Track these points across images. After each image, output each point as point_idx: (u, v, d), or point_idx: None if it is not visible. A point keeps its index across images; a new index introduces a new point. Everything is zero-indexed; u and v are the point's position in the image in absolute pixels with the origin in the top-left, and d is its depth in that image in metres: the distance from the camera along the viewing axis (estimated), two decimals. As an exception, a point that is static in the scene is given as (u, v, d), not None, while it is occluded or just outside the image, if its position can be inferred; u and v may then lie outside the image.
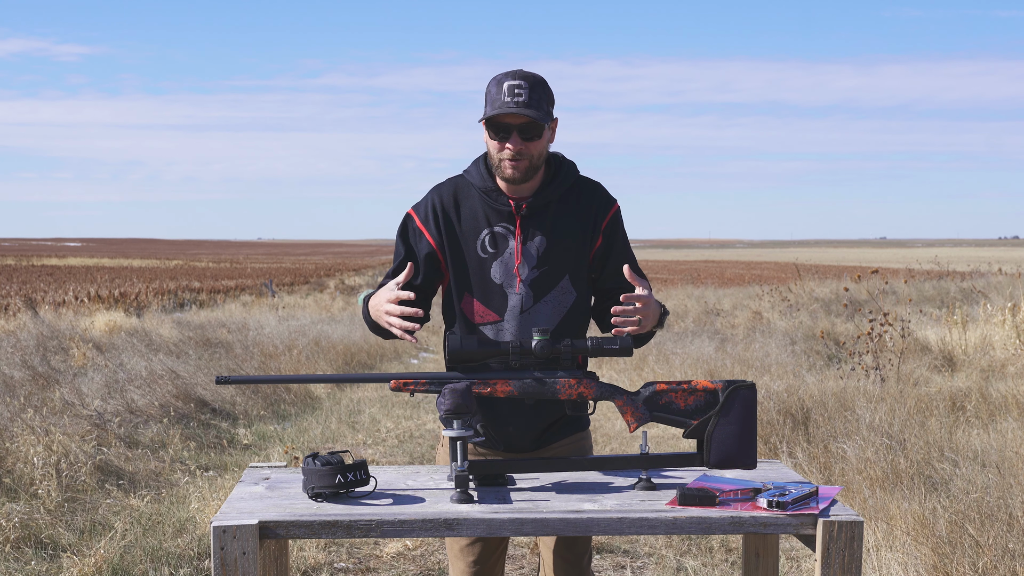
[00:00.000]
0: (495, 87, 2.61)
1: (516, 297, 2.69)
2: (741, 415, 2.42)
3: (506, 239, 2.70)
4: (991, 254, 63.23)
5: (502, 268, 2.69)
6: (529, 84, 2.59)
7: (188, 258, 70.90)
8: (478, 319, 2.71)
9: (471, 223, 2.71)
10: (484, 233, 2.70)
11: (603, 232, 2.74)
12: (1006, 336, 9.98)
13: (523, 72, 2.62)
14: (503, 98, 2.58)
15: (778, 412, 6.53)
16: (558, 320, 2.70)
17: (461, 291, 2.72)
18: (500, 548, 2.88)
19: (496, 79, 2.62)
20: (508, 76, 2.61)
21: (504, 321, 2.69)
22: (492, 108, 2.59)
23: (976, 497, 4.42)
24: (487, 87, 2.64)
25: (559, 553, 2.81)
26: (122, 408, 7.41)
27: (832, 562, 2.18)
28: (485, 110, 2.63)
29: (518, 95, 2.57)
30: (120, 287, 26.49)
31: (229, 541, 2.13)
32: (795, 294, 18.02)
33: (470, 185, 2.74)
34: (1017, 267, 23.97)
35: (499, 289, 2.70)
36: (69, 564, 4.39)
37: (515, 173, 2.62)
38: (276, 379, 2.58)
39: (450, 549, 2.89)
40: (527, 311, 2.69)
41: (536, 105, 2.59)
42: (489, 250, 2.70)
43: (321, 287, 33.15)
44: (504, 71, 2.65)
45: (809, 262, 53.62)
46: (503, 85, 2.59)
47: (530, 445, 2.76)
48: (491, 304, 2.70)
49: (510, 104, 2.56)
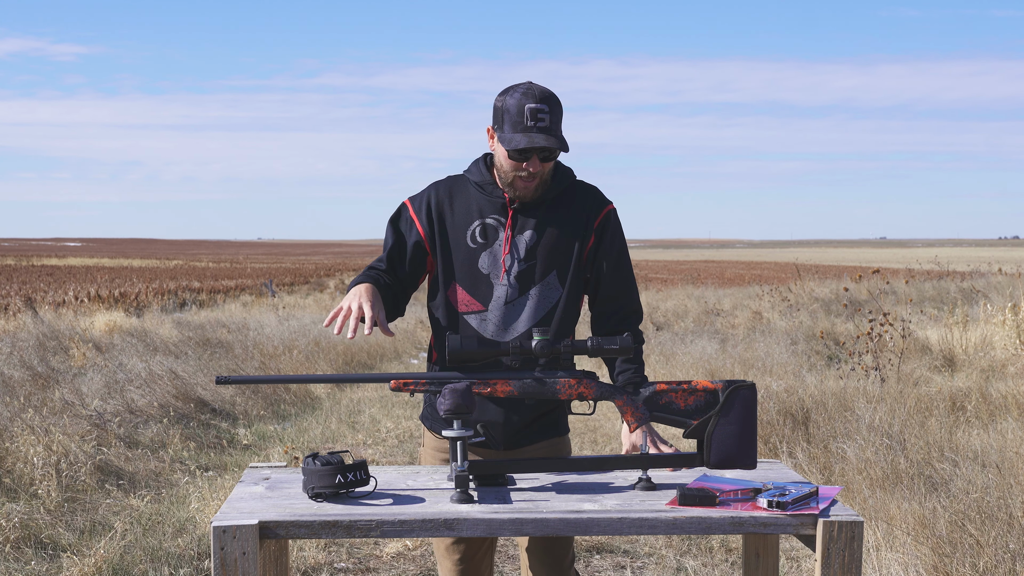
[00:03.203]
0: (515, 107, 2.60)
1: (501, 288, 2.71)
2: (741, 415, 2.42)
3: (496, 231, 2.72)
4: (991, 254, 63.22)
5: (490, 259, 2.72)
6: (550, 107, 2.60)
7: (188, 258, 70.90)
8: (462, 307, 2.73)
9: (463, 214, 2.74)
10: (475, 224, 2.73)
11: (595, 231, 2.76)
12: (1006, 336, 9.98)
13: (541, 91, 2.61)
14: (526, 122, 2.58)
15: (778, 412, 6.53)
16: (542, 314, 2.71)
17: (448, 279, 2.75)
18: (486, 545, 2.88)
19: (515, 97, 2.61)
20: (528, 97, 2.60)
21: (488, 311, 2.71)
22: (515, 132, 2.59)
23: (976, 497, 4.42)
24: (503, 102, 2.62)
25: (537, 555, 2.80)
26: (122, 408, 7.41)
27: (832, 562, 2.18)
28: (504, 129, 2.62)
29: (541, 120, 2.59)
30: (120, 287, 26.49)
31: (229, 541, 2.13)
32: (795, 294, 18.02)
33: (467, 181, 2.78)
34: (1017, 267, 23.97)
35: (485, 279, 2.72)
36: (69, 564, 4.38)
37: (526, 192, 2.68)
38: (276, 379, 2.58)
39: (437, 548, 2.90)
40: (511, 303, 2.71)
41: (556, 129, 2.62)
42: (479, 240, 2.73)
43: (321, 287, 33.15)
44: (519, 87, 2.63)
45: (809, 262, 53.62)
46: (524, 108, 2.59)
47: (502, 443, 2.74)
48: (476, 294, 2.72)
49: (534, 131, 2.58)
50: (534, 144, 2.57)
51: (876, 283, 17.09)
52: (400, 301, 2.78)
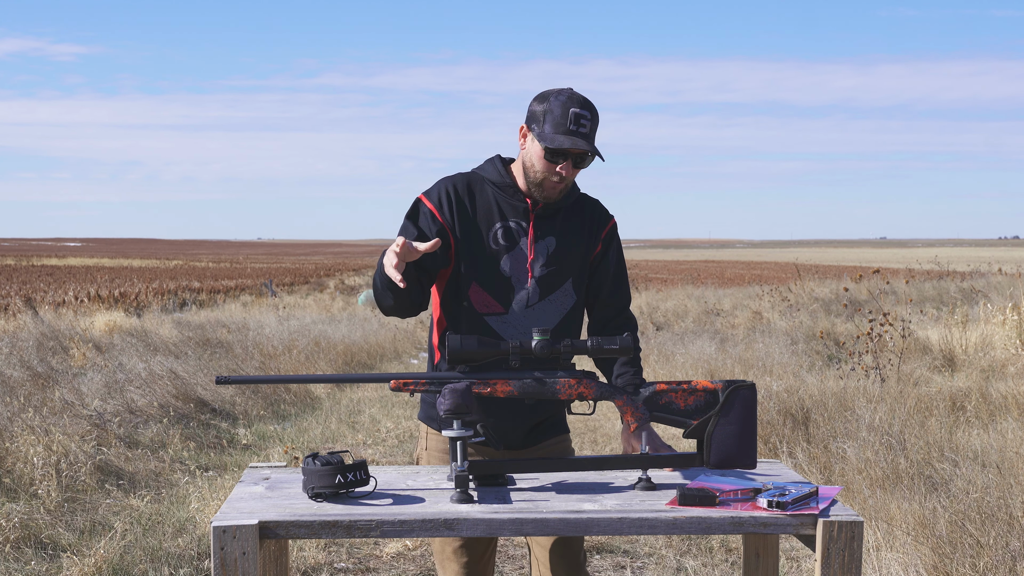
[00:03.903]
0: (559, 109, 2.60)
1: (524, 292, 2.73)
2: (741, 415, 2.42)
3: (518, 235, 2.74)
4: (991, 254, 63.23)
5: (512, 262, 2.73)
6: (591, 115, 2.63)
7: (188, 258, 70.89)
8: (483, 309, 2.73)
9: (485, 214, 2.74)
10: (497, 226, 2.74)
11: (602, 240, 2.84)
12: (1006, 336, 9.98)
13: (587, 100, 2.64)
14: (568, 125, 2.60)
15: (778, 412, 6.53)
16: (558, 320, 2.75)
17: (468, 280, 2.73)
18: (490, 548, 2.89)
19: (560, 100, 2.61)
20: (574, 102, 2.61)
21: (509, 314, 2.72)
22: (557, 132, 2.60)
23: (976, 497, 4.42)
24: (546, 102, 2.63)
25: (556, 551, 2.81)
26: (122, 408, 7.41)
27: (832, 562, 2.18)
28: (545, 128, 2.61)
29: (583, 126, 2.61)
30: (120, 287, 26.49)
31: (229, 541, 2.13)
32: (795, 294, 18.03)
33: (484, 180, 2.77)
34: (1017, 267, 23.98)
35: (507, 282, 2.73)
36: (69, 564, 4.38)
37: (555, 194, 2.70)
38: (276, 379, 2.58)
39: (439, 554, 2.88)
40: (532, 306, 2.73)
41: (593, 138, 2.65)
42: (501, 243, 2.73)
43: (321, 287, 33.17)
44: (563, 91, 2.64)
45: (809, 262, 53.63)
46: (569, 111, 2.60)
47: (521, 442, 2.80)
48: (498, 296, 2.73)
49: (576, 135, 2.60)
50: (576, 146, 2.59)
51: (876, 283, 17.11)
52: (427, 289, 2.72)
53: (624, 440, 2.70)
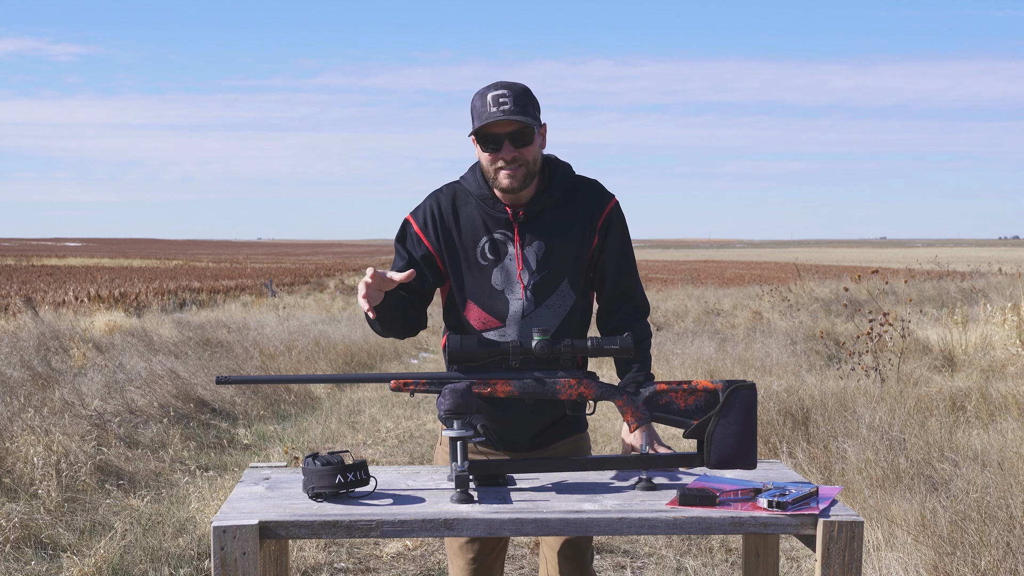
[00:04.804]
0: (479, 100, 2.61)
1: (518, 303, 2.71)
2: (741, 415, 2.42)
3: (505, 245, 2.71)
4: (991, 254, 63.22)
5: (503, 274, 2.71)
6: (513, 93, 2.59)
7: (188, 258, 70.89)
8: (480, 325, 2.72)
9: (470, 231, 2.72)
10: (483, 240, 2.71)
11: (599, 231, 2.74)
12: (1006, 336, 9.98)
13: (505, 82, 2.63)
14: (488, 109, 2.58)
15: (778, 412, 6.53)
16: (558, 323, 2.72)
17: (463, 299, 2.74)
18: (500, 546, 2.89)
19: (479, 93, 2.63)
20: (491, 88, 2.62)
21: (506, 327, 2.71)
22: (479, 120, 2.59)
23: (976, 497, 4.42)
24: (472, 103, 2.64)
25: (563, 553, 2.81)
26: (122, 408, 7.41)
27: (832, 562, 2.18)
28: (472, 124, 2.63)
29: (503, 103, 2.57)
30: (120, 287, 26.49)
31: (229, 541, 2.12)
32: (795, 294, 18.03)
33: (468, 192, 2.74)
34: (1017, 267, 23.97)
35: (500, 295, 2.71)
36: (69, 564, 4.38)
37: (513, 182, 2.63)
38: (276, 379, 2.58)
39: (449, 547, 2.91)
40: (528, 316, 2.70)
41: (523, 111, 2.58)
42: (489, 257, 2.71)
43: (321, 287, 33.16)
44: (485, 85, 2.65)
45: (809, 262, 53.62)
46: (487, 97, 2.59)
47: (529, 444, 2.79)
48: (493, 311, 2.71)
49: (497, 113, 2.56)
50: (494, 119, 2.55)
51: (876, 283, 17.09)
52: (421, 311, 2.74)
53: (624, 440, 2.70)
